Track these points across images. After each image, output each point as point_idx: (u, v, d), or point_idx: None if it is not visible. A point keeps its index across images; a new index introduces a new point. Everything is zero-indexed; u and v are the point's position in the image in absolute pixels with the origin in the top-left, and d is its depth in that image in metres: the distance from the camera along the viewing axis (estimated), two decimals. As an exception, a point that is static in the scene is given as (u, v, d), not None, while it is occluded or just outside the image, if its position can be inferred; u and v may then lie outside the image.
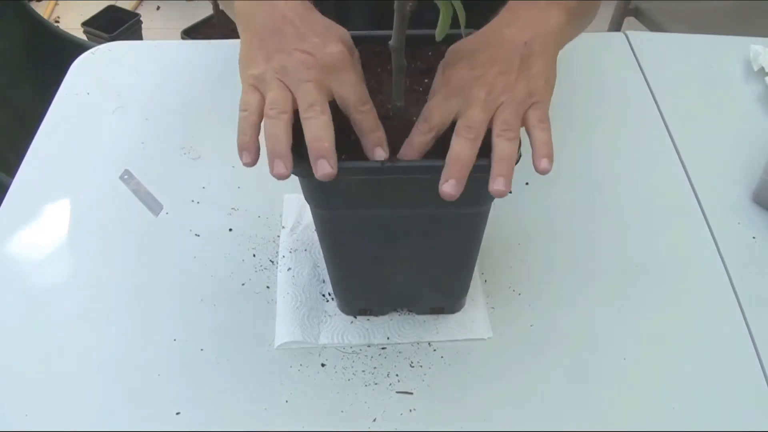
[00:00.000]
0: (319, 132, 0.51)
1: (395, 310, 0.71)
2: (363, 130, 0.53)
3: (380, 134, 0.54)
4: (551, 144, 0.54)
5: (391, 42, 0.53)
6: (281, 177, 0.51)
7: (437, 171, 0.54)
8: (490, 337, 0.70)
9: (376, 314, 0.71)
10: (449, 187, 0.51)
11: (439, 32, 0.52)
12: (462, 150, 0.52)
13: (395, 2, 0.51)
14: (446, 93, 0.54)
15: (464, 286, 0.70)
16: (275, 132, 0.51)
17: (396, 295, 0.71)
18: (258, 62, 0.54)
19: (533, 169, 0.53)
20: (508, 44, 0.56)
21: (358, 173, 0.54)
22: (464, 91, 0.54)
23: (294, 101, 0.53)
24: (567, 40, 0.63)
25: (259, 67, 0.54)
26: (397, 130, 0.57)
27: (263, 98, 0.53)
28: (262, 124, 0.52)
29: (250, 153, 0.53)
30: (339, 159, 0.54)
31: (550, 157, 0.53)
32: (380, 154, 0.53)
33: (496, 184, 0.52)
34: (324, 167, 0.50)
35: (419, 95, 0.60)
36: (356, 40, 0.64)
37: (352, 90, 0.53)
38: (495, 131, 0.53)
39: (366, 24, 0.99)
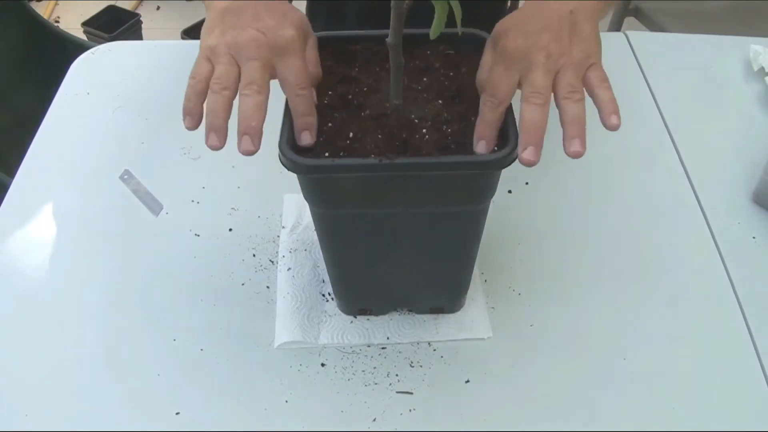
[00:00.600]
0: (251, 111, 0.53)
1: (395, 309, 0.71)
2: (296, 112, 0.55)
3: (311, 119, 0.55)
4: (616, 101, 0.55)
5: (388, 39, 0.54)
6: (215, 149, 0.53)
7: (432, 168, 0.54)
8: (489, 336, 0.70)
9: (376, 314, 0.71)
10: (529, 153, 0.52)
11: (434, 30, 0.53)
12: (534, 115, 0.53)
13: (392, 0, 0.51)
14: (506, 63, 0.55)
15: (464, 285, 0.70)
16: (215, 107, 0.54)
17: (396, 295, 0.71)
18: (214, 35, 0.57)
19: (533, 169, 0.53)
20: (555, 13, 0.57)
21: (355, 170, 0.54)
22: (524, 58, 0.55)
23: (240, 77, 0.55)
24: (601, 17, 0.64)
25: (214, 40, 0.56)
26: (395, 129, 0.57)
27: (213, 69, 0.55)
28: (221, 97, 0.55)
29: (192, 118, 0.55)
30: (337, 156, 0.54)
31: (618, 113, 0.54)
32: (306, 138, 0.55)
33: (573, 146, 0.52)
34: (247, 144, 0.53)
35: (417, 94, 0.60)
36: (354, 39, 0.64)
37: (294, 73, 0.55)
38: (561, 94, 0.54)
39: (361, 24, 1.00)
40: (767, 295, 0.75)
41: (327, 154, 0.55)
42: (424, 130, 0.57)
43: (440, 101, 0.60)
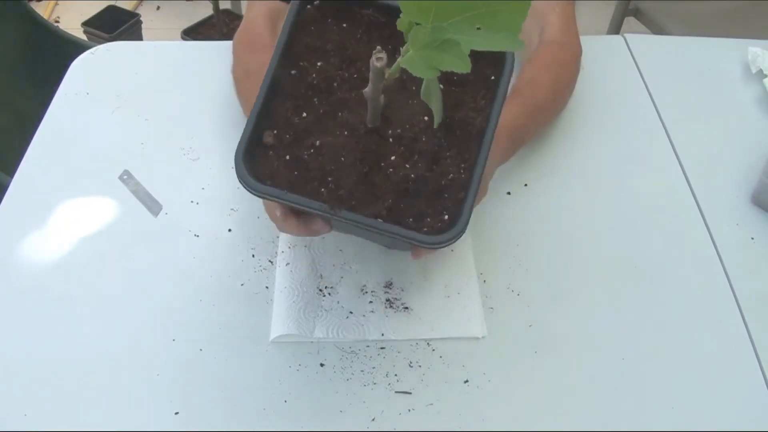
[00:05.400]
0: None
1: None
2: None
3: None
4: None
5: (366, 90, 0.54)
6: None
7: (372, 228, 0.56)
8: (484, 335, 0.70)
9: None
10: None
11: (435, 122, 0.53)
12: None
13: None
14: None
15: None
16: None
17: None
18: None
19: (532, 170, 0.54)
20: None
21: (303, 206, 0.57)
22: None
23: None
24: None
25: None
26: (360, 155, 0.57)
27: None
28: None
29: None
30: (292, 177, 0.56)
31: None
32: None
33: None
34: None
35: (411, 96, 0.59)
36: (365, 4, 0.62)
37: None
38: None
39: None
40: (765, 295, 0.75)
41: (288, 157, 0.57)
42: (393, 158, 0.57)
43: (426, 117, 0.59)
